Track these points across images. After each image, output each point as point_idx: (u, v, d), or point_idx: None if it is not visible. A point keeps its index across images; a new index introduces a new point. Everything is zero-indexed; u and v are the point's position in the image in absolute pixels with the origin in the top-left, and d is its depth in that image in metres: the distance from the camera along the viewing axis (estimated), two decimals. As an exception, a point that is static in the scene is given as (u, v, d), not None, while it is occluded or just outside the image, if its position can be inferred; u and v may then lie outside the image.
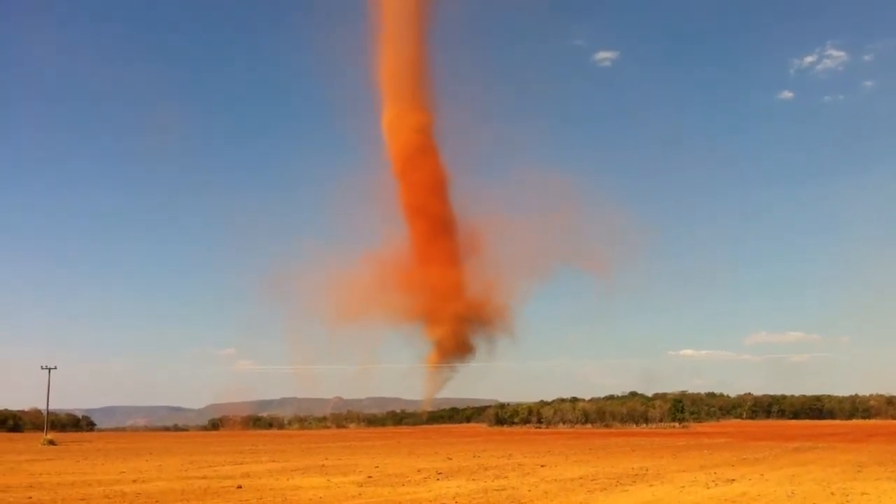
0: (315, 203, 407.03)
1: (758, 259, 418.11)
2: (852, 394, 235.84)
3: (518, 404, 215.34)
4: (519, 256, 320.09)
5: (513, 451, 66.34)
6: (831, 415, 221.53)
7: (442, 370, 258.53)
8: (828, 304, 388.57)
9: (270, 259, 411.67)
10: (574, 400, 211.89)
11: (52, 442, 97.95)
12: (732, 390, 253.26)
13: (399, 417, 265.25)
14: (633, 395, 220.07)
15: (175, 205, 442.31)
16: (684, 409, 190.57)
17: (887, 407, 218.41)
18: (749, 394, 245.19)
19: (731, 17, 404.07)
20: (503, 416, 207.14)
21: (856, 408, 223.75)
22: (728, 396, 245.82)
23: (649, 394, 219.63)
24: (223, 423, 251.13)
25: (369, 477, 39.59)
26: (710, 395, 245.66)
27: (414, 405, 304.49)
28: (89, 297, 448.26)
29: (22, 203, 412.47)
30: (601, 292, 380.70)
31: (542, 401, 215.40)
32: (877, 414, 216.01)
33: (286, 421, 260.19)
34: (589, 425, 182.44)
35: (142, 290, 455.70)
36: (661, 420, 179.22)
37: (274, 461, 55.24)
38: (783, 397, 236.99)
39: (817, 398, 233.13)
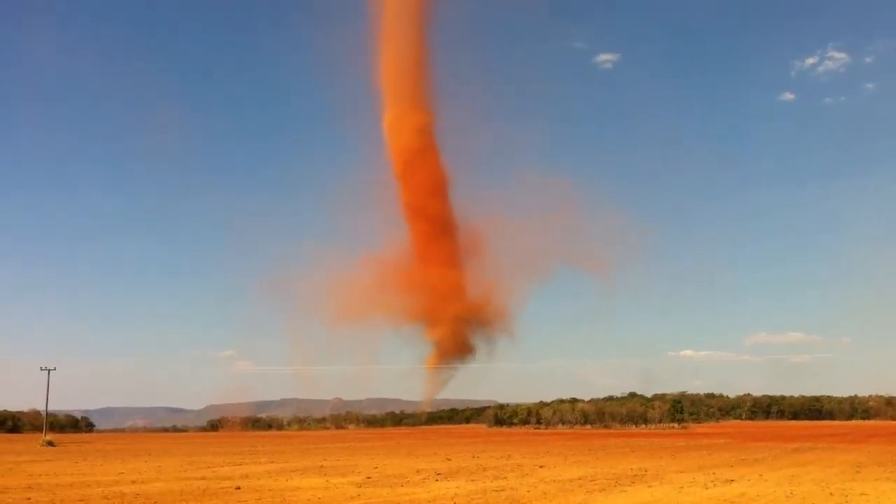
0: (315, 204, 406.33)
1: (758, 260, 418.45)
2: (852, 394, 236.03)
3: (517, 405, 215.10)
4: (519, 257, 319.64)
5: (512, 452, 66.31)
6: (830, 415, 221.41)
7: (441, 371, 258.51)
8: (828, 305, 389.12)
9: (270, 260, 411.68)
10: (573, 401, 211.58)
11: (50, 443, 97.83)
12: (732, 391, 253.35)
13: (398, 418, 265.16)
14: (633, 395, 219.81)
15: (174, 206, 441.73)
16: (683, 410, 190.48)
17: (886, 408, 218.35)
18: (748, 394, 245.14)
19: (732, 18, 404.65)
20: (502, 416, 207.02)
21: (855, 408, 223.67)
22: (727, 397, 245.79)
23: (648, 394, 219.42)
24: (222, 424, 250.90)
25: (368, 478, 39.59)
26: (710, 395, 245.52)
27: (413, 406, 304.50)
28: (88, 298, 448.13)
29: (20, 203, 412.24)
30: (601, 293, 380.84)
31: (541, 401, 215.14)
32: (876, 415, 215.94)
33: (285, 422, 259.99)
34: (588, 426, 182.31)
35: (141, 291, 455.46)
36: (660, 421, 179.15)
37: (273, 462, 55.22)
38: (782, 398, 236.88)
39: (817, 399, 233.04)
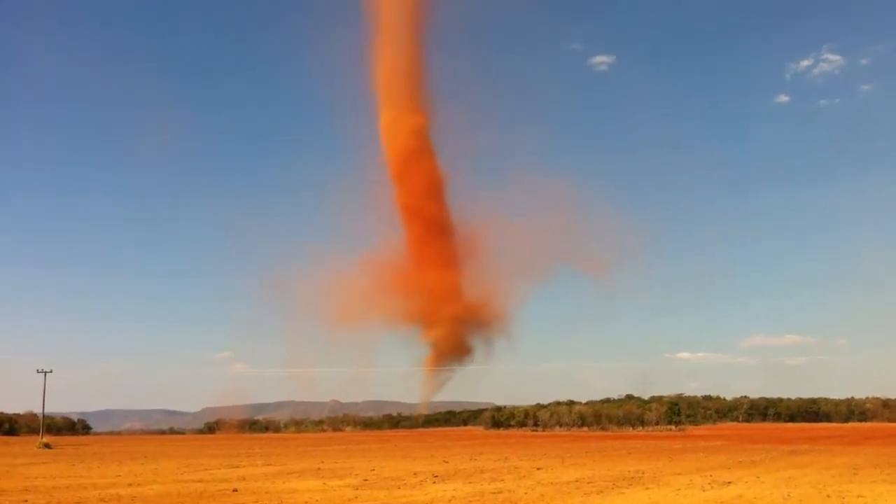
0: (313, 205, 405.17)
1: (754, 262, 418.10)
2: (848, 397, 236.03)
3: (514, 407, 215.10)
4: (516, 259, 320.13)
5: (509, 454, 66.30)
6: (827, 418, 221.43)
7: (439, 373, 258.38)
8: (824, 308, 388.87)
9: (267, 262, 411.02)
10: (570, 403, 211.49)
11: (47, 445, 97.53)
12: (729, 393, 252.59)
13: (395, 420, 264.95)
14: (630, 397, 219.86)
15: (172, 207, 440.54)
16: (680, 412, 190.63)
17: (883, 410, 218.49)
18: (745, 397, 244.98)
19: (728, 21, 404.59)
20: (499, 419, 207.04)
21: (852, 411, 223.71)
22: (724, 399, 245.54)
23: (645, 397, 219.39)
24: (219, 426, 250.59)
25: (365, 480, 39.56)
26: (707, 397, 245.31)
27: (410, 408, 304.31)
28: (85, 300, 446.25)
29: (19, 205, 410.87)
30: (598, 295, 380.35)
31: (538, 404, 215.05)
32: (873, 417, 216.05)
33: (282, 424, 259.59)
34: (585, 428, 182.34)
35: (138, 292, 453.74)
36: (657, 423, 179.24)
37: (270, 464, 55.15)
38: (779, 400, 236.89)
39: (813, 401, 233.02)
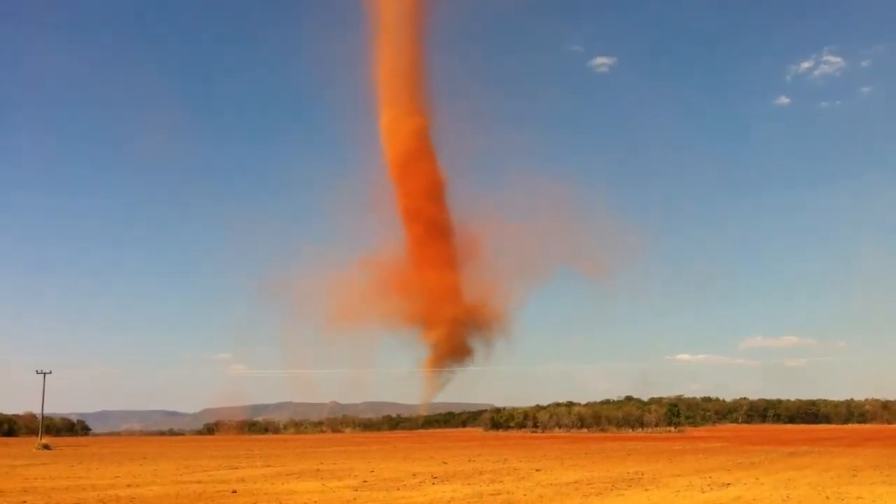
0: (312, 206, 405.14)
1: (754, 263, 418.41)
2: (848, 398, 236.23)
3: (514, 408, 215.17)
4: (516, 260, 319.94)
5: (508, 456, 66.27)
6: (827, 419, 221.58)
7: (439, 374, 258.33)
8: (824, 309, 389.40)
9: (267, 263, 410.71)
10: (570, 404, 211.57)
11: (46, 446, 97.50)
12: (728, 395, 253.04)
13: (395, 422, 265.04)
14: (629, 399, 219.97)
15: (171, 208, 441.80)
16: (680, 414, 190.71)
17: (882, 411, 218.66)
18: (745, 398, 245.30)
19: (728, 22, 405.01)
20: (499, 420, 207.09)
21: (851, 412, 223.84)
22: (724, 401, 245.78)
23: (645, 398, 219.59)
24: (218, 427, 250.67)
25: (364, 481, 39.54)
26: (706, 399, 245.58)
27: (410, 409, 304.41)
28: (84, 301, 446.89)
29: (18, 207, 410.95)
30: (597, 296, 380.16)
31: (537, 405, 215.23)
32: (872, 418, 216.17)
33: (281, 425, 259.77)
34: (585, 430, 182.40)
35: (137, 294, 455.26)
36: (656, 424, 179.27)
37: (269, 466, 55.11)
38: (779, 402, 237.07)
39: (813, 402, 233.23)
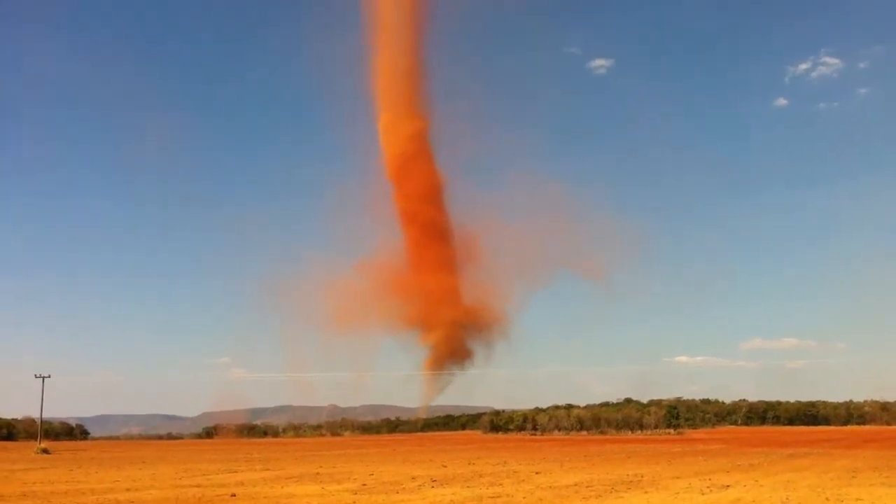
0: (311, 210, 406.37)
1: (753, 265, 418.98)
2: (847, 400, 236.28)
3: (513, 411, 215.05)
4: (515, 263, 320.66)
5: (508, 459, 66.21)
6: (826, 421, 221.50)
7: (438, 377, 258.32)
8: (823, 311, 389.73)
9: (266, 266, 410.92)
10: (569, 407, 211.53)
11: (45, 450, 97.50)
12: (727, 397, 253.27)
13: (394, 425, 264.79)
14: (628, 401, 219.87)
15: (170, 212, 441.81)
16: (679, 416, 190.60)
17: (882, 413, 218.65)
18: (744, 400, 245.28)
19: (726, 24, 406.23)
20: (498, 423, 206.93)
21: (850, 414, 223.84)
22: (723, 403, 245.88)
23: (644, 400, 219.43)
24: (217, 431, 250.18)
25: (364, 485, 39.50)
26: (705, 401, 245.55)
27: (409, 413, 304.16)
28: (83, 306, 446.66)
29: (17, 210, 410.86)
30: (596, 299, 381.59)
31: (536, 408, 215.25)
32: (871, 420, 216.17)
33: (280, 429, 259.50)
34: (584, 432, 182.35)
35: (136, 297, 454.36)
36: (656, 427, 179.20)
37: (268, 469, 55.03)
38: (778, 403, 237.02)
39: (812, 404, 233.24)
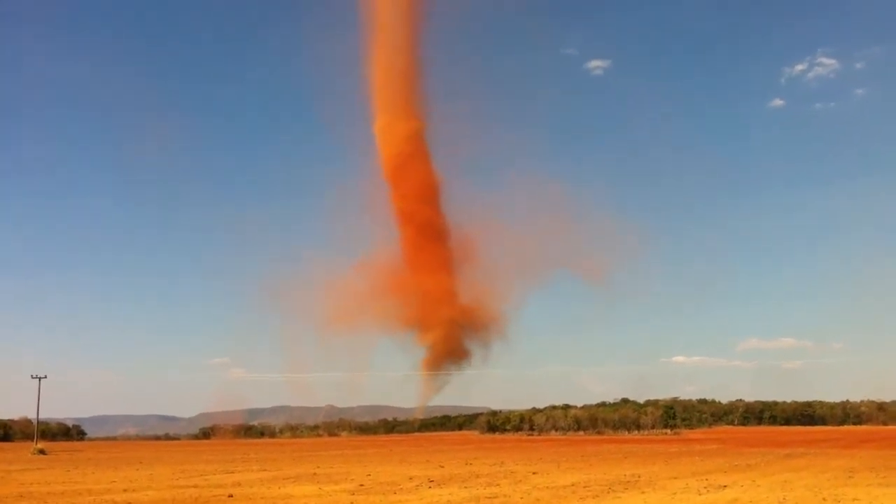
0: (311, 210, 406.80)
1: (750, 265, 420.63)
2: (843, 400, 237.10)
3: (510, 412, 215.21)
4: (512, 263, 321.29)
5: (505, 459, 66.20)
6: (823, 421, 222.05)
7: (435, 377, 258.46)
8: (819, 311, 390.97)
9: (264, 266, 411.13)
10: (566, 407, 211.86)
11: (42, 451, 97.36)
12: (724, 397, 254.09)
13: (391, 425, 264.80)
14: (625, 401, 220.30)
15: (168, 213, 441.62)
16: (676, 416, 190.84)
17: (878, 413, 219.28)
18: (741, 400, 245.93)
19: (723, 25, 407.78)
20: (495, 423, 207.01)
21: (847, 414, 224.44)
22: (720, 403, 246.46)
23: (641, 400, 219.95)
24: (214, 431, 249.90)
25: (361, 485, 39.47)
26: (702, 401, 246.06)
27: (406, 413, 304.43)
28: (81, 306, 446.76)
29: (17, 210, 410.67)
30: (593, 299, 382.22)
31: (533, 408, 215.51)
32: (868, 420, 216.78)
33: (278, 429, 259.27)
34: (581, 432, 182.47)
35: (134, 298, 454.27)
36: (652, 427, 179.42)
37: (265, 470, 54.96)
38: (775, 403, 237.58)
39: (808, 404, 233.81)
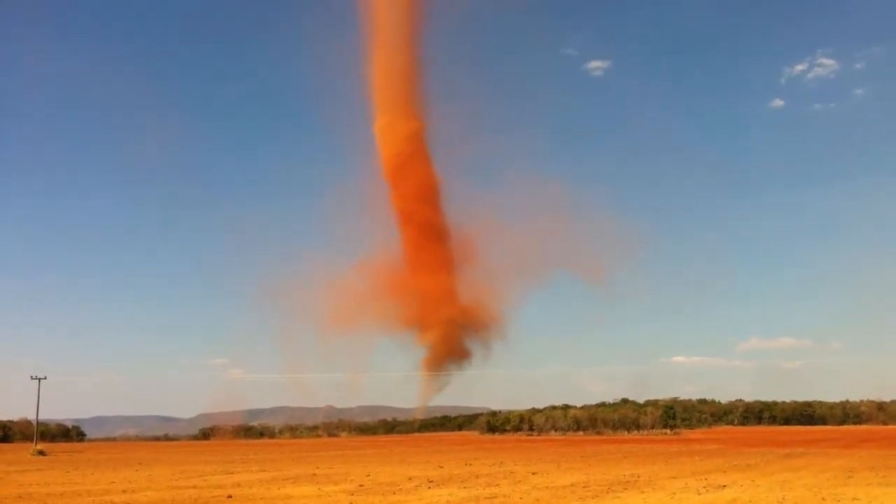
0: (311, 210, 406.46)
1: (750, 265, 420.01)
2: (843, 400, 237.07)
3: (510, 412, 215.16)
4: (512, 263, 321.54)
5: (504, 459, 66.18)
6: (822, 421, 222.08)
7: (435, 377, 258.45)
8: (819, 311, 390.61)
9: (264, 267, 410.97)
10: (565, 407, 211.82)
11: (41, 452, 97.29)
12: (724, 396, 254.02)
13: (390, 426, 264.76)
14: (625, 401, 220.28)
15: (170, 213, 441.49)
16: (676, 416, 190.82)
17: (878, 412, 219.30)
18: (740, 400, 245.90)
19: (723, 25, 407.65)
20: (495, 423, 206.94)
21: (847, 413, 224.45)
22: (719, 403, 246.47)
23: (641, 400, 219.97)
24: (214, 432, 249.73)
25: (361, 486, 39.45)
26: (702, 401, 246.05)
27: (405, 413, 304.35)
28: (80, 307, 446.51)
29: (17, 210, 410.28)
30: (593, 299, 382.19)
31: (533, 408, 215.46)
32: (868, 420, 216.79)
33: (277, 430, 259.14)
34: (580, 432, 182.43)
35: (133, 298, 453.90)
36: (652, 427, 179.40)
37: (265, 470, 54.95)
38: (774, 403, 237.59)
39: (808, 404, 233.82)
